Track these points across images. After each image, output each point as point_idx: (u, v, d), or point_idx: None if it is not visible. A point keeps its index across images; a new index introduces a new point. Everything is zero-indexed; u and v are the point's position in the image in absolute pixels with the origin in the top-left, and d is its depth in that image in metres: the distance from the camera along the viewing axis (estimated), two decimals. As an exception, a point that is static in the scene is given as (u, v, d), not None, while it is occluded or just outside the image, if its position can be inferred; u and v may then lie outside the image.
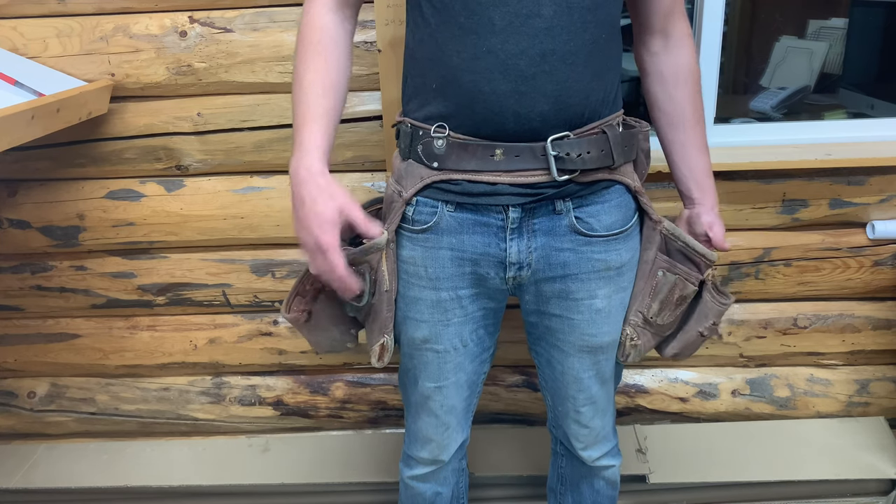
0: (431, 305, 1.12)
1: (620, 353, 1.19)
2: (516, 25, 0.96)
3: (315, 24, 1.06)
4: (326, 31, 1.06)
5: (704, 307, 1.19)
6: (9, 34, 1.55)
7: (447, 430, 1.25)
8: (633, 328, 1.17)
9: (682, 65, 1.15)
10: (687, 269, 1.14)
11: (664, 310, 1.16)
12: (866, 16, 2.15)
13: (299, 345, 1.82)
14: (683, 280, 1.14)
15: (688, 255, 1.14)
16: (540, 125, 1.00)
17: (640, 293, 1.16)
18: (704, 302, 1.18)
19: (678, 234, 1.14)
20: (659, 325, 1.17)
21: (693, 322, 1.20)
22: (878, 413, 1.84)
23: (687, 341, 1.22)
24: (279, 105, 1.59)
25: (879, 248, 1.69)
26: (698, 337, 1.21)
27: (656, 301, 1.15)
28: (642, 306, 1.16)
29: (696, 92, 1.16)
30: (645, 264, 1.15)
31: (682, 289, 1.15)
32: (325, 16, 1.06)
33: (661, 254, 1.15)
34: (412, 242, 1.10)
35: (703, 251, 1.14)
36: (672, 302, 1.16)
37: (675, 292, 1.15)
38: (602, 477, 1.35)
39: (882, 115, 1.86)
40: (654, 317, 1.16)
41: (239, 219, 1.69)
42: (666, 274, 1.14)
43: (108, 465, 1.85)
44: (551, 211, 1.07)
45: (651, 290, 1.15)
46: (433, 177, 1.06)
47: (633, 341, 1.17)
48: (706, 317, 1.19)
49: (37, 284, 1.78)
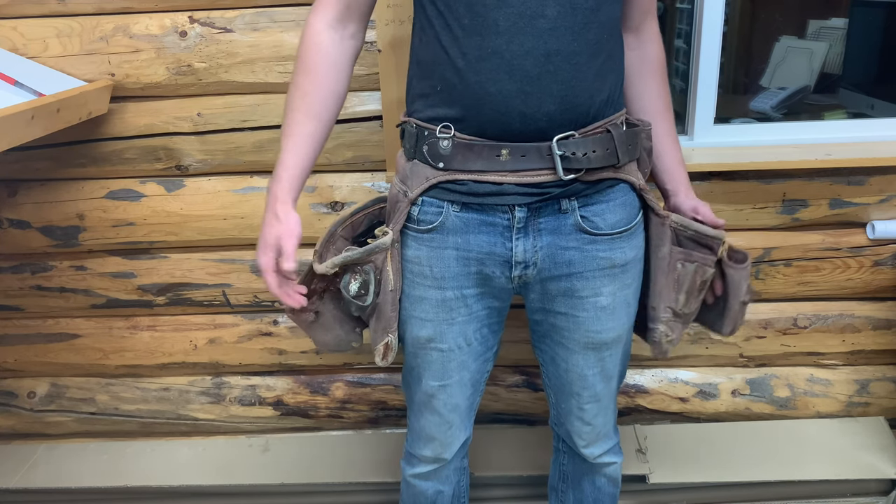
0: (436, 305, 1.13)
1: (658, 352, 1.21)
2: (520, 26, 0.97)
3: (311, 42, 1.08)
4: (321, 49, 1.07)
5: (733, 281, 1.20)
6: (9, 34, 1.54)
7: (450, 428, 1.26)
8: (666, 324, 1.19)
9: (653, 59, 1.19)
10: (702, 254, 1.16)
11: (690, 298, 1.18)
12: (866, 16, 2.15)
13: (299, 345, 1.82)
14: (702, 266, 1.16)
15: (699, 241, 1.16)
16: (546, 125, 1.01)
17: (665, 289, 1.17)
18: (731, 277, 1.20)
19: (687, 223, 1.16)
20: (686, 314, 1.20)
21: (731, 299, 1.22)
22: (878, 413, 1.84)
23: (735, 316, 1.24)
24: (279, 105, 1.59)
25: (879, 248, 1.69)
26: (742, 307, 1.23)
27: (682, 293, 1.17)
28: (670, 301, 1.18)
29: (665, 83, 1.21)
30: (662, 260, 1.17)
31: (702, 274, 1.17)
32: (323, 33, 1.08)
33: (675, 246, 1.17)
34: (417, 242, 1.11)
35: (714, 233, 1.16)
36: (696, 289, 1.18)
37: (697, 279, 1.17)
38: (604, 474, 1.36)
39: (882, 115, 1.86)
40: (682, 308, 1.18)
41: (239, 219, 1.69)
42: (685, 265, 1.16)
43: (108, 465, 1.85)
44: (557, 210, 1.08)
45: (675, 284, 1.17)
46: (439, 177, 1.06)
47: (669, 337, 1.19)
48: (739, 287, 1.20)
49: (37, 284, 1.78)
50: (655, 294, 1.18)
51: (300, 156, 1.08)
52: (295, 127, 1.07)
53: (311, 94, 1.07)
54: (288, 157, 1.07)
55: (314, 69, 1.07)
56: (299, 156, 1.08)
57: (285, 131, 1.08)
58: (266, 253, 1.06)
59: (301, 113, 1.07)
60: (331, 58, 1.08)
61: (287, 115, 1.08)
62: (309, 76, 1.07)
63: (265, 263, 1.06)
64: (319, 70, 1.07)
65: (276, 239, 1.06)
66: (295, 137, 1.07)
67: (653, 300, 1.19)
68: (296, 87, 1.08)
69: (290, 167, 1.07)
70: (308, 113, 1.07)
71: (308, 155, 1.09)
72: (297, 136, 1.07)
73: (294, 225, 1.06)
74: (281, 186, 1.07)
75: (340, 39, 1.09)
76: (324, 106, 1.09)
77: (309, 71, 1.07)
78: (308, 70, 1.07)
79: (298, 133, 1.07)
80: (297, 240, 1.06)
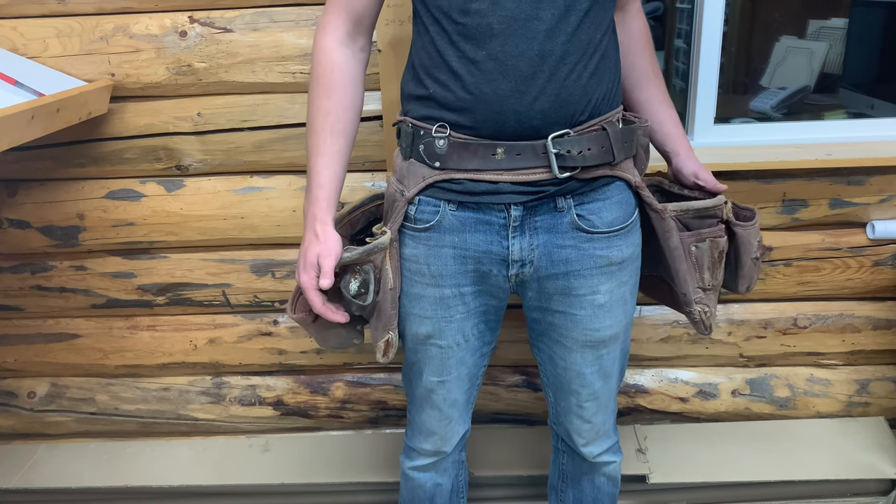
0: (434, 302, 1.14)
1: (703, 329, 1.22)
2: (514, 29, 0.98)
3: (325, 59, 1.09)
4: (336, 67, 1.09)
5: (743, 239, 1.21)
6: (9, 34, 1.55)
7: (450, 422, 1.28)
8: (700, 304, 1.20)
9: (639, 33, 1.22)
10: (710, 227, 1.18)
11: (715, 271, 1.20)
12: (866, 16, 2.15)
13: (299, 345, 1.82)
14: (714, 240, 1.18)
15: (702, 215, 1.18)
16: (540, 123, 1.02)
17: (688, 275, 1.19)
18: (740, 236, 1.21)
19: (684, 207, 1.17)
20: (715, 285, 1.21)
21: (744, 255, 1.23)
22: (878, 413, 1.84)
23: (749, 274, 1.25)
24: (279, 105, 1.59)
25: (879, 248, 1.69)
26: (755, 263, 1.24)
27: (705, 271, 1.19)
28: (697, 282, 1.19)
29: (652, 53, 1.24)
30: (675, 250, 1.18)
31: (717, 247, 1.18)
32: (336, 51, 1.09)
33: (683, 232, 1.18)
34: (415, 241, 1.12)
35: (712, 203, 1.17)
36: (716, 261, 1.19)
37: (714, 252, 1.18)
38: (603, 473, 1.36)
39: (882, 115, 1.86)
40: (710, 283, 1.20)
41: (239, 219, 1.69)
42: (698, 245, 1.18)
43: (108, 465, 1.85)
44: (553, 208, 1.08)
45: (695, 267, 1.18)
46: (435, 176, 1.07)
47: (707, 312, 1.21)
48: (749, 244, 1.22)
49: (37, 284, 1.78)
50: (681, 282, 1.19)
51: (333, 173, 1.10)
52: (323, 147, 1.09)
53: (332, 112, 1.09)
54: (322, 178, 1.09)
55: (333, 88, 1.09)
56: (332, 174, 1.10)
57: (313, 150, 1.09)
58: (307, 272, 1.08)
59: (326, 133, 1.09)
60: (347, 74, 1.10)
61: (313, 135, 1.10)
62: (330, 97, 1.09)
63: (306, 282, 1.08)
64: (337, 88, 1.09)
65: (317, 257, 1.07)
66: (325, 157, 1.09)
67: (681, 287, 1.20)
68: (317, 108, 1.09)
69: (324, 186, 1.09)
70: (332, 131, 1.09)
71: (339, 172, 1.11)
72: (326, 155, 1.09)
73: (334, 244, 1.08)
74: (319, 206, 1.09)
75: (352, 54, 1.11)
76: (347, 122, 1.11)
77: (329, 91, 1.09)
78: (328, 91, 1.09)
79: (327, 152, 1.09)
80: (335, 259, 1.07)
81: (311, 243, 1.08)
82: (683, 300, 1.21)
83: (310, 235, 1.09)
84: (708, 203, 1.17)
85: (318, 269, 1.08)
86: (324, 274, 1.07)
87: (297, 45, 1.54)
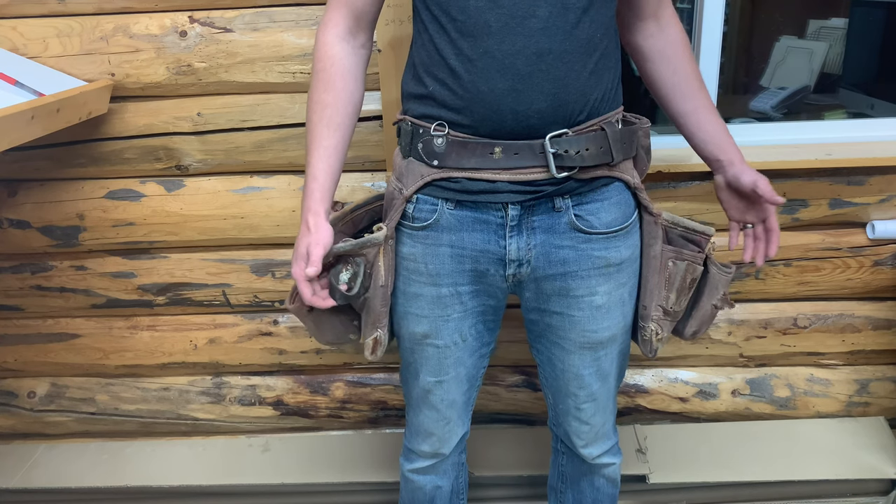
0: (431, 301, 1.14)
1: (648, 350, 1.21)
2: (512, 26, 0.98)
3: (325, 55, 1.10)
4: (336, 62, 1.10)
5: (713, 280, 1.21)
6: (9, 34, 1.55)
7: (448, 423, 1.27)
8: (657, 323, 1.19)
9: (678, 40, 1.19)
10: (691, 251, 1.17)
11: (680, 297, 1.19)
12: (866, 16, 2.16)
13: (299, 345, 1.82)
14: (692, 264, 1.17)
15: (688, 237, 1.17)
16: (538, 122, 1.02)
17: (656, 288, 1.18)
18: (712, 276, 1.20)
19: (676, 220, 1.17)
20: (676, 311, 1.21)
21: (705, 298, 1.22)
22: (878, 413, 1.84)
23: (703, 317, 1.24)
24: (279, 105, 1.59)
25: (879, 248, 1.69)
26: (713, 310, 1.24)
27: (673, 291, 1.18)
28: (661, 300, 1.18)
29: (692, 60, 1.21)
30: (654, 259, 1.17)
31: (692, 272, 1.18)
32: (336, 46, 1.10)
33: (666, 245, 1.17)
34: (412, 239, 1.12)
35: (702, 229, 1.17)
36: (686, 287, 1.19)
37: (688, 277, 1.18)
38: (602, 475, 1.36)
39: (882, 115, 1.86)
40: (672, 306, 1.19)
41: (239, 219, 1.69)
42: (676, 263, 1.17)
43: (108, 465, 1.85)
44: (551, 208, 1.08)
45: (666, 282, 1.18)
46: (433, 175, 1.08)
47: (659, 335, 1.20)
48: (716, 289, 1.21)
49: (37, 284, 1.78)
50: (647, 292, 1.19)
51: (328, 167, 1.10)
52: (320, 140, 1.09)
53: (331, 106, 1.09)
54: (317, 170, 1.09)
55: (332, 83, 1.09)
56: (327, 167, 1.10)
57: (311, 145, 1.10)
58: (298, 263, 1.08)
59: (324, 126, 1.09)
60: (347, 70, 1.10)
61: (311, 129, 1.10)
62: (329, 90, 1.09)
63: (296, 273, 1.08)
64: (336, 83, 1.10)
65: (307, 248, 1.07)
66: (321, 150, 1.09)
67: (644, 298, 1.20)
68: (316, 101, 1.10)
69: (319, 179, 1.09)
70: (330, 125, 1.09)
71: (335, 166, 1.11)
72: (323, 148, 1.09)
73: (324, 234, 1.08)
74: (313, 198, 1.09)
75: (353, 50, 1.11)
76: (345, 116, 1.11)
77: (328, 85, 1.09)
78: (327, 84, 1.09)
79: (324, 146, 1.09)
80: (324, 248, 1.07)
81: (303, 234, 1.09)
82: (642, 313, 1.20)
83: (303, 227, 1.09)
84: (697, 227, 1.17)
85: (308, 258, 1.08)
86: (311, 262, 1.06)
87: (297, 45, 1.54)
